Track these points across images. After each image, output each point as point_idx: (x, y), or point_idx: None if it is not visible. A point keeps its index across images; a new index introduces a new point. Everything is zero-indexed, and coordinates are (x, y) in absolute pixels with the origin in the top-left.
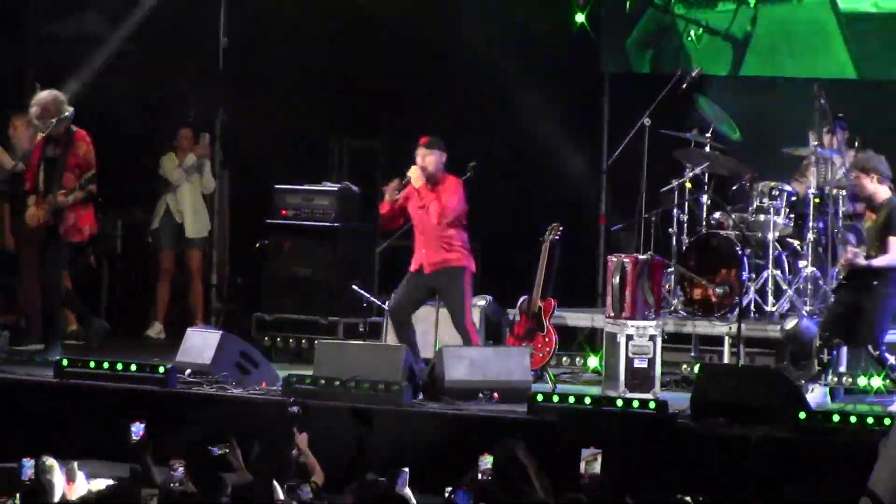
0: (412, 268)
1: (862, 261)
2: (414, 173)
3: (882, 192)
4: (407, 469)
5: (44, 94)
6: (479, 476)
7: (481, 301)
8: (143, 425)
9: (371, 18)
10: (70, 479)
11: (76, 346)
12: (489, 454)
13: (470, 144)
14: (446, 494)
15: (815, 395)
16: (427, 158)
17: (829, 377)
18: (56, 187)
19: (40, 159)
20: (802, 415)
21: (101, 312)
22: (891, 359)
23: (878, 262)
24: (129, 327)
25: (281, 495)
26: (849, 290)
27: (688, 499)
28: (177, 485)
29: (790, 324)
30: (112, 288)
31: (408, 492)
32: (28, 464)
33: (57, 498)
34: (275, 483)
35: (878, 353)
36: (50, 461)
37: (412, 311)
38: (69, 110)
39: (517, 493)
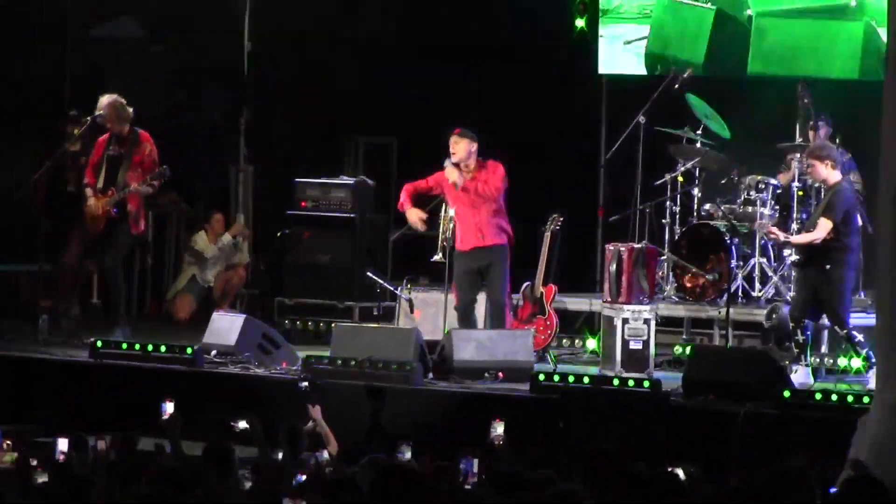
0: (461, 246)
1: (780, 237)
2: (452, 175)
3: (833, 176)
4: (409, 443)
5: (105, 98)
6: (491, 441)
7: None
8: (172, 403)
9: (385, 21)
10: None
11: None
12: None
13: (479, 140)
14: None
15: (799, 375)
16: (456, 146)
17: (811, 358)
18: (120, 183)
19: (103, 157)
20: (787, 393)
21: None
22: (858, 336)
23: (797, 238)
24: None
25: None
26: (807, 273)
27: (679, 470)
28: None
29: (774, 309)
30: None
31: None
32: (62, 442)
33: None
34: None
35: (845, 332)
36: None
37: (474, 300)
38: (129, 111)
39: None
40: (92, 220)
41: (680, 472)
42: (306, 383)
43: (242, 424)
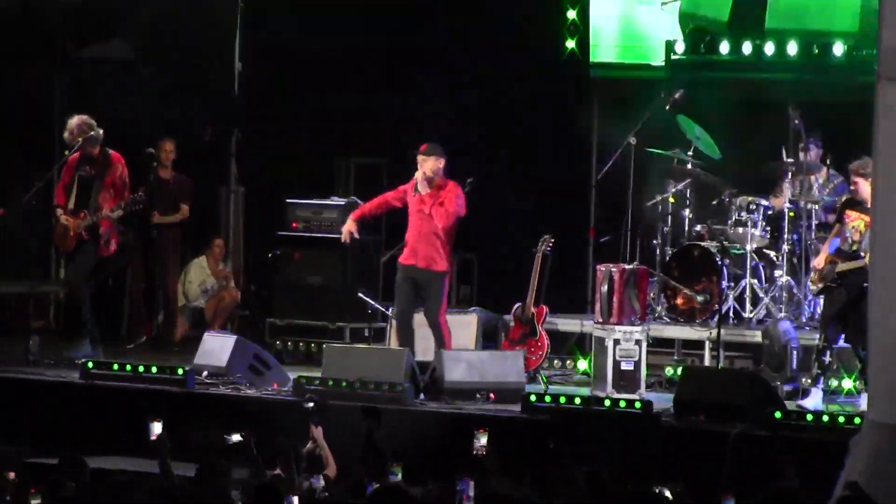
0: (402, 260)
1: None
2: (420, 182)
3: None
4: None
5: (73, 119)
6: (475, 452)
7: (473, 312)
8: (161, 424)
9: (374, 43)
10: None
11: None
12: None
13: (468, 161)
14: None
15: (814, 399)
16: (426, 164)
17: (825, 381)
18: (92, 205)
19: (73, 177)
20: (778, 414)
21: (123, 318)
22: None
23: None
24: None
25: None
26: (843, 291)
27: (667, 491)
28: None
29: (767, 329)
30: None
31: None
32: None
33: None
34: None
35: (865, 353)
36: None
37: (412, 309)
38: (98, 132)
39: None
40: (61, 240)
41: (667, 493)
42: (312, 403)
43: (236, 437)
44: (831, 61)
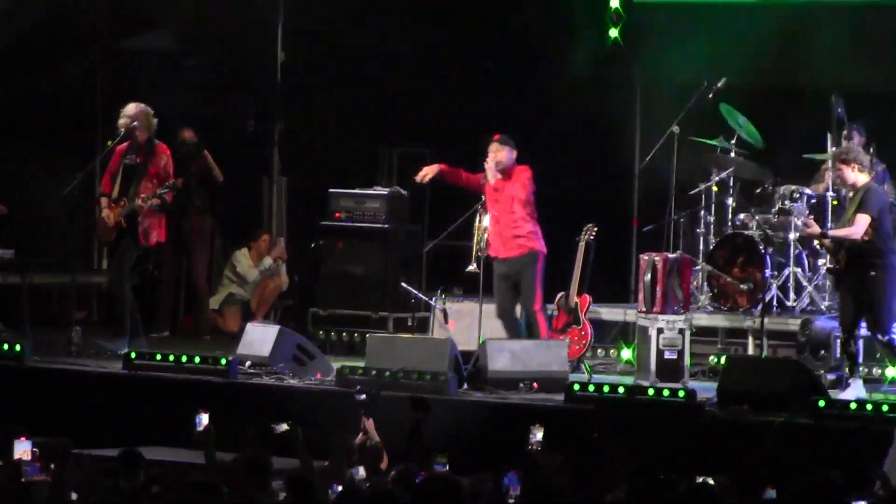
0: (492, 253)
1: (816, 229)
2: (490, 171)
3: (861, 179)
4: (445, 453)
5: (132, 105)
6: (529, 447)
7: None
8: (206, 416)
9: (417, 32)
10: None
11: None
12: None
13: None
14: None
15: (855, 388)
16: (499, 154)
17: (861, 369)
18: (133, 193)
19: (120, 165)
20: (821, 402)
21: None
22: None
23: (835, 232)
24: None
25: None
26: (848, 280)
27: (710, 481)
28: None
29: (806, 322)
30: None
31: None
32: None
33: None
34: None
35: (886, 338)
36: None
37: (514, 305)
38: (154, 121)
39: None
40: (104, 230)
41: (710, 483)
42: (364, 395)
43: (283, 427)
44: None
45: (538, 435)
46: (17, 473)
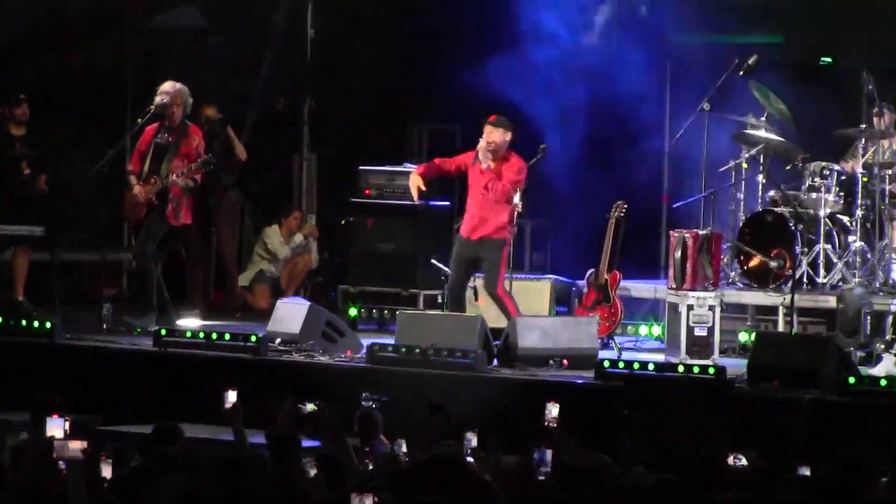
0: (462, 231)
1: None
2: (483, 153)
3: None
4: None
5: (168, 84)
6: (546, 423)
7: (546, 279)
8: (234, 392)
9: (448, 8)
10: None
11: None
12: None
13: (541, 128)
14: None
15: (886, 365)
16: (493, 135)
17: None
18: (164, 172)
19: (150, 144)
20: (851, 379)
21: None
22: None
23: None
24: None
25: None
26: None
27: (741, 458)
28: None
29: (842, 293)
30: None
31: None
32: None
33: None
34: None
35: None
36: None
37: (465, 284)
38: (190, 100)
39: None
40: (133, 208)
41: (741, 460)
42: (372, 402)
43: (310, 406)
44: None
45: (554, 411)
46: (50, 450)
